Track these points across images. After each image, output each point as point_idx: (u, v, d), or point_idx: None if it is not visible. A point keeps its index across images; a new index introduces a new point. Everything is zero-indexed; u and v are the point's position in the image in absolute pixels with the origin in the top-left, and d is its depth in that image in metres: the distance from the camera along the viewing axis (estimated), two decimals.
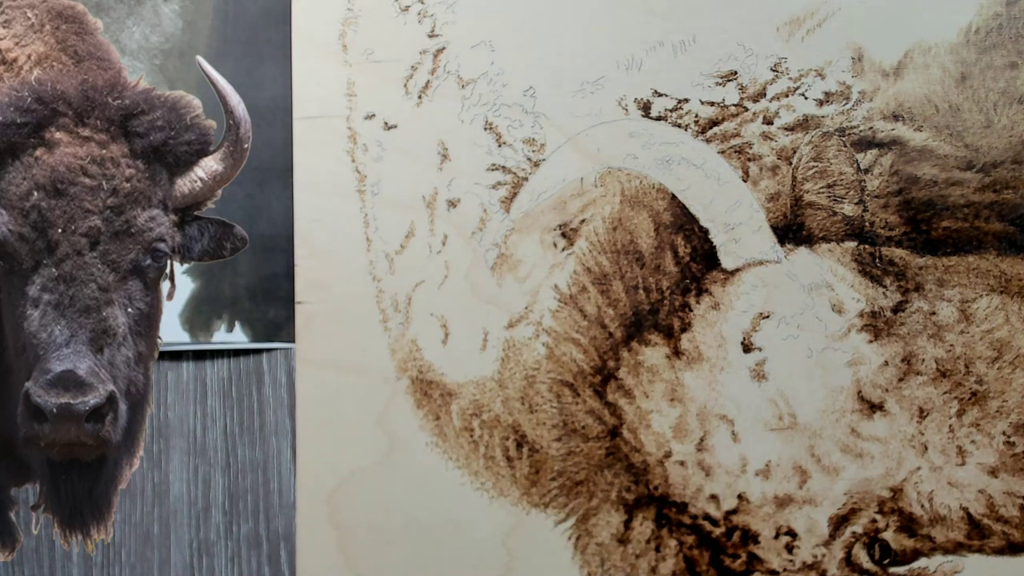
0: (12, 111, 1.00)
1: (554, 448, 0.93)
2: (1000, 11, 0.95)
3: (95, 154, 1.00)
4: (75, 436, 0.98)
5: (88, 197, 0.99)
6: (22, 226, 0.99)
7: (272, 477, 1.00)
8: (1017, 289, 0.92)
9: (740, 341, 0.93)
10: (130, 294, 1.01)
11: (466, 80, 0.94)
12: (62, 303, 0.98)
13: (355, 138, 0.96)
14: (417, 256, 0.94)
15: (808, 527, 0.93)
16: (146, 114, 1.02)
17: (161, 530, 1.02)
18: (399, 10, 0.95)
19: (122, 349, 1.00)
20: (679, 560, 0.92)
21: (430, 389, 0.94)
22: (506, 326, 0.94)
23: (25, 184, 0.99)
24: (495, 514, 0.94)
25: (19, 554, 1.04)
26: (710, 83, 0.93)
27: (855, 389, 0.92)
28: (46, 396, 0.96)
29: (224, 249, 1.02)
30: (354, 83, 0.96)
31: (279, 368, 1.00)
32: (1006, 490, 0.93)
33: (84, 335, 0.98)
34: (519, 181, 0.93)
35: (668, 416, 0.93)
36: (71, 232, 0.98)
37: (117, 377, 1.00)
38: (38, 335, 0.99)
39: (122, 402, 1.00)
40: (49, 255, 0.99)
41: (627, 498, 0.93)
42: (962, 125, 0.95)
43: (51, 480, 1.03)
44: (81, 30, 1.07)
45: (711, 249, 0.93)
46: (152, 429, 1.04)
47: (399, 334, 0.94)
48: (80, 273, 0.98)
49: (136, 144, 1.01)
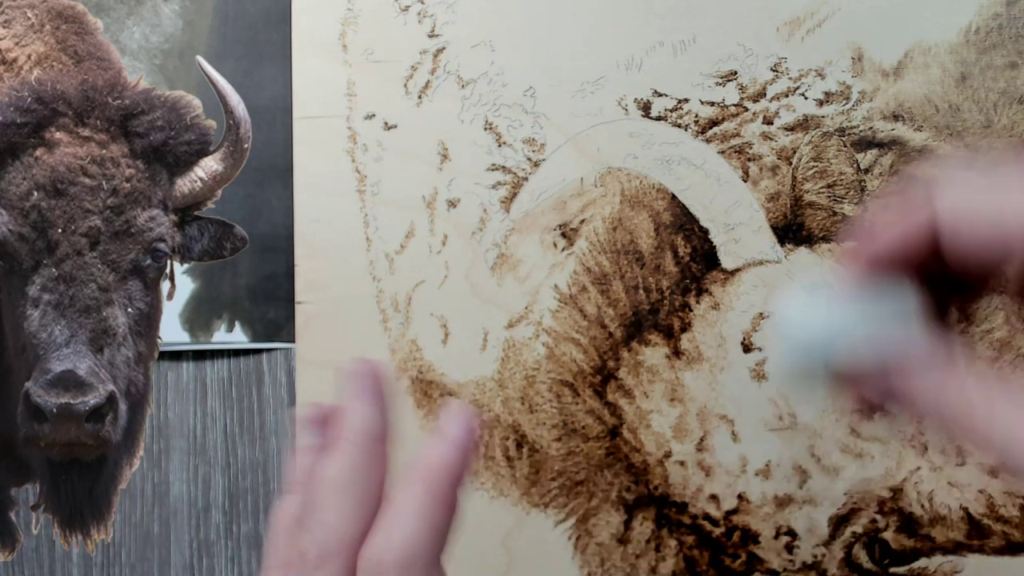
0: (12, 111, 1.00)
1: (554, 448, 0.93)
2: (1000, 11, 0.95)
3: (95, 154, 1.00)
4: (75, 436, 0.98)
5: (88, 197, 0.99)
6: (22, 226, 0.99)
7: (272, 477, 1.00)
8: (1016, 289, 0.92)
9: (740, 341, 0.93)
10: (130, 294, 1.01)
11: (466, 80, 0.94)
12: (62, 303, 0.98)
13: (355, 138, 0.96)
14: (417, 256, 0.94)
15: (808, 527, 0.93)
16: (146, 114, 1.02)
17: (161, 530, 1.02)
18: (399, 10, 0.95)
19: (122, 349, 1.00)
20: (679, 560, 0.92)
21: (430, 389, 0.94)
22: (506, 326, 0.94)
23: (25, 184, 1.00)
24: (495, 514, 0.94)
25: (19, 554, 1.04)
26: (710, 83, 0.93)
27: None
28: (46, 396, 0.96)
29: (224, 249, 1.02)
30: (354, 83, 0.96)
31: (279, 368, 1.00)
32: (1006, 490, 0.93)
33: (84, 335, 0.98)
34: (519, 181, 0.93)
35: (668, 416, 0.93)
36: (71, 232, 0.98)
37: (117, 377, 1.00)
38: (38, 335, 0.99)
39: (122, 402, 1.00)
40: (49, 255, 0.99)
41: (627, 498, 0.93)
42: (962, 125, 0.95)
43: (51, 480, 1.03)
44: (81, 30, 1.07)
45: (711, 249, 0.93)
46: (152, 429, 1.04)
47: (399, 334, 0.94)
48: (80, 273, 0.99)
49: (136, 144, 1.01)
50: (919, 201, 0.56)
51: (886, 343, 0.52)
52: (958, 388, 0.55)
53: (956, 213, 0.55)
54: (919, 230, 0.56)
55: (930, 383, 0.56)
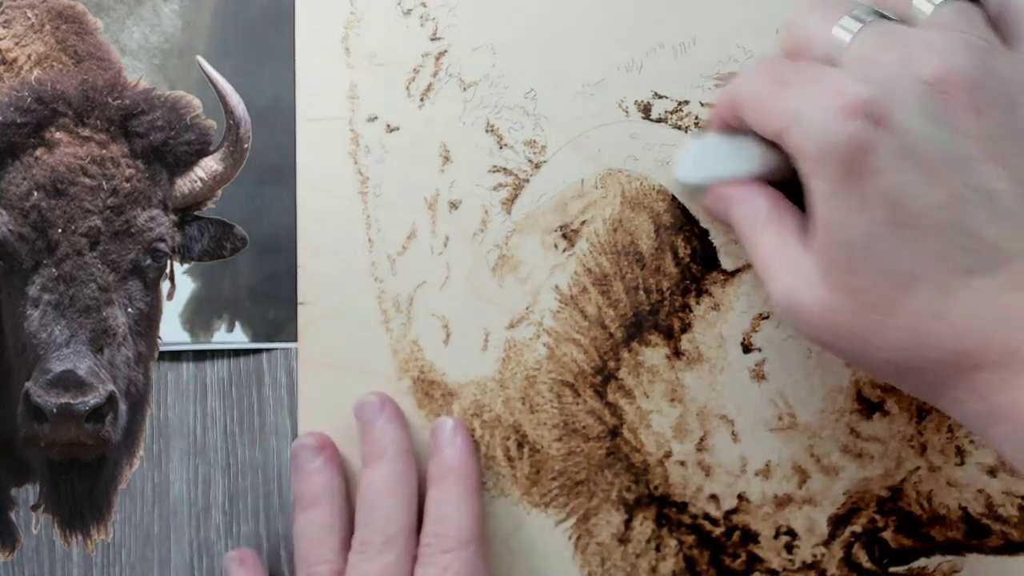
0: (12, 111, 1.00)
1: (554, 448, 0.94)
2: None
3: (95, 154, 1.00)
4: (75, 436, 0.98)
5: (88, 197, 0.99)
6: (22, 226, 0.99)
7: (272, 477, 1.00)
8: None
9: (740, 341, 0.94)
10: (130, 294, 1.01)
11: (468, 83, 0.94)
12: (62, 303, 0.98)
13: (357, 140, 0.96)
14: (419, 257, 0.94)
15: (808, 527, 0.93)
16: (146, 114, 1.02)
17: (161, 530, 1.02)
18: (402, 13, 0.95)
19: (122, 349, 1.01)
20: (679, 560, 0.93)
21: (431, 389, 0.94)
22: (507, 327, 0.94)
23: (25, 184, 0.99)
24: (495, 514, 0.94)
25: (19, 554, 1.04)
26: (710, 85, 0.93)
27: (854, 389, 0.92)
28: (46, 396, 0.96)
29: (224, 249, 1.02)
30: (356, 86, 0.96)
31: (279, 368, 1.00)
32: (1005, 490, 0.93)
33: (84, 335, 0.98)
34: (520, 183, 0.93)
35: (668, 416, 0.93)
36: (71, 232, 0.98)
37: (117, 377, 1.00)
38: (38, 335, 0.99)
39: (122, 402, 1.00)
40: (49, 255, 0.99)
41: (627, 498, 0.93)
42: None
43: (51, 480, 1.03)
44: (81, 30, 1.06)
45: (711, 250, 0.93)
46: (152, 429, 1.04)
47: (401, 335, 0.94)
48: (80, 273, 0.99)
49: (136, 144, 1.01)
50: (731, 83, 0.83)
51: (724, 171, 0.83)
52: (750, 213, 0.81)
53: (736, 96, 0.80)
54: (726, 103, 0.82)
55: (731, 198, 0.82)
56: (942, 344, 0.64)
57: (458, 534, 0.86)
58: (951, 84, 0.63)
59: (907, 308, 0.64)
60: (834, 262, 0.68)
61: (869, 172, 0.64)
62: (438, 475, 0.89)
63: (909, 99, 0.64)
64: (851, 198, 0.65)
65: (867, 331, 0.67)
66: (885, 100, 0.64)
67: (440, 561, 0.84)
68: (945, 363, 0.64)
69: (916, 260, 0.64)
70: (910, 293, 0.64)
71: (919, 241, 0.63)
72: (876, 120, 0.64)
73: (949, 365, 0.64)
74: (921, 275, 0.63)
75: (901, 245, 0.64)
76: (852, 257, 0.66)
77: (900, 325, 0.65)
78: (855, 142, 0.64)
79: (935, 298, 0.63)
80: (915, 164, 0.63)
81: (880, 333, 0.66)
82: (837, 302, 0.68)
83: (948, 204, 0.62)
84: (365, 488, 0.90)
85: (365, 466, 0.91)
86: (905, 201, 0.63)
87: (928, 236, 0.63)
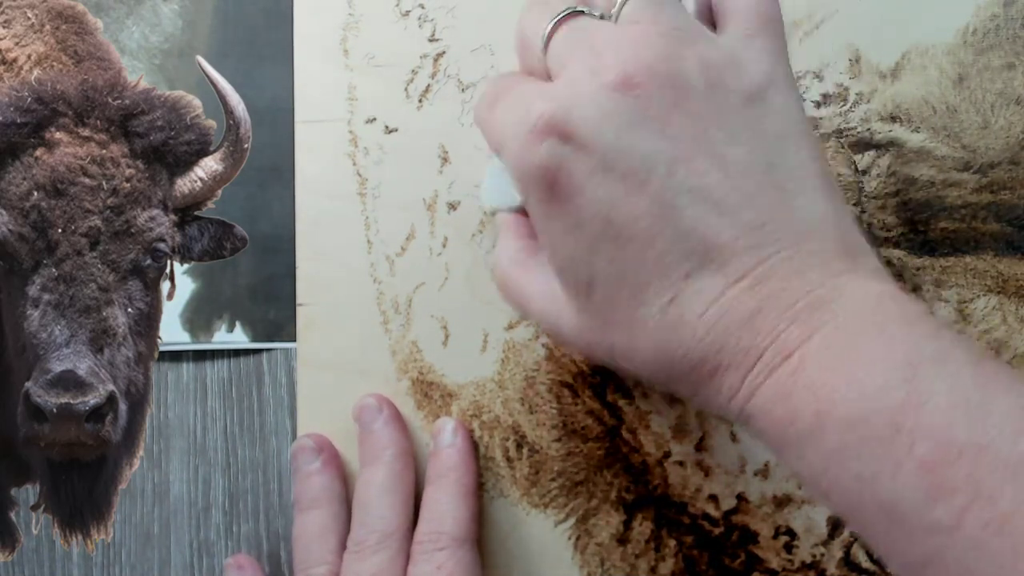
0: (12, 111, 1.01)
1: (554, 449, 0.94)
2: (997, 12, 0.95)
3: (95, 154, 1.00)
4: (75, 436, 0.98)
5: (88, 197, 0.99)
6: (22, 226, 0.99)
7: (272, 477, 1.00)
8: (1014, 289, 0.93)
9: None
10: (130, 294, 1.01)
11: (466, 84, 0.94)
12: (62, 303, 0.99)
13: (356, 141, 0.96)
14: (418, 258, 0.94)
15: (807, 527, 0.93)
16: (146, 114, 1.02)
17: (161, 530, 1.02)
18: (400, 15, 0.95)
19: (122, 349, 1.01)
20: (679, 560, 0.93)
21: (430, 390, 0.94)
22: (506, 328, 0.94)
23: (25, 184, 1.00)
24: (494, 515, 0.94)
25: (19, 554, 1.04)
26: None
27: None
28: (46, 396, 0.97)
29: (224, 249, 1.02)
30: (355, 87, 0.96)
31: (279, 368, 1.00)
32: None
33: (84, 335, 0.99)
34: None
35: (667, 416, 0.93)
36: (71, 232, 0.99)
37: (117, 377, 1.00)
38: (38, 335, 0.99)
39: (122, 402, 1.00)
40: (49, 255, 0.99)
41: (627, 498, 0.93)
42: (959, 126, 0.95)
43: (51, 480, 1.03)
44: (81, 30, 1.07)
45: None
46: (152, 429, 1.04)
47: (400, 336, 0.94)
48: (80, 273, 0.99)
49: (136, 144, 1.01)
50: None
51: (513, 198, 0.73)
52: (507, 247, 0.76)
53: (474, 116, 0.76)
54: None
55: (500, 229, 0.77)
56: (686, 351, 0.61)
57: (453, 533, 0.86)
58: (637, 85, 0.60)
59: (645, 319, 0.62)
60: (568, 284, 0.66)
61: (571, 191, 0.62)
62: (436, 475, 0.89)
63: (592, 110, 0.61)
64: (563, 219, 0.63)
65: (618, 345, 0.65)
66: (569, 115, 0.61)
67: (434, 559, 0.84)
68: (695, 369, 0.62)
69: (641, 271, 0.61)
70: (644, 304, 0.62)
71: (638, 252, 0.61)
72: (564, 138, 0.61)
73: (696, 370, 0.62)
74: (648, 285, 0.61)
75: (623, 258, 0.61)
76: (579, 276, 0.64)
77: (643, 336, 0.62)
78: (548, 164, 0.62)
79: (666, 306, 0.61)
80: (614, 176, 0.60)
81: (630, 346, 0.64)
82: (584, 322, 0.66)
83: (657, 210, 0.59)
84: (362, 488, 0.90)
85: (363, 467, 0.91)
86: (612, 215, 0.61)
87: (645, 245, 0.60)
